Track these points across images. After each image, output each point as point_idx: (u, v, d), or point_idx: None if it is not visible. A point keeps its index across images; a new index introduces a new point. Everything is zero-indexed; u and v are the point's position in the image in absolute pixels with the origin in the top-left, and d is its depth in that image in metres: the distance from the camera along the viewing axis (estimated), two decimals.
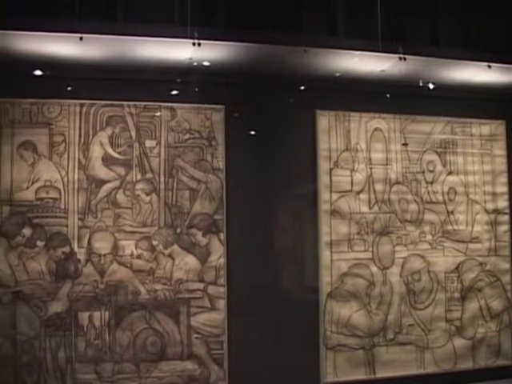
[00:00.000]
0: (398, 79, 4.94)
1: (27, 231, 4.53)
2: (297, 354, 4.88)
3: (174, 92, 4.83)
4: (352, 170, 5.09)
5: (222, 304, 4.77)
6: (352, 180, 5.09)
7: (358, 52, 4.57)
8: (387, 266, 5.11)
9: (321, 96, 5.02)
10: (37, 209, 4.56)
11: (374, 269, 5.08)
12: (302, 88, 5.03)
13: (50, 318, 4.55)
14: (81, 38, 4.05)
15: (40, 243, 4.54)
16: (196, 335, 4.73)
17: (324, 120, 5.06)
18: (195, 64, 4.58)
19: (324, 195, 5.01)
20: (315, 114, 5.06)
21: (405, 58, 4.51)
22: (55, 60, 4.50)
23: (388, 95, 5.17)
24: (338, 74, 4.89)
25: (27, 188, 4.56)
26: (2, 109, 4.56)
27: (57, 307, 4.56)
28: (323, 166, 5.04)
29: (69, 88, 4.70)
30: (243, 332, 4.79)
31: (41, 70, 4.62)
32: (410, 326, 5.08)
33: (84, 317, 4.59)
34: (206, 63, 4.60)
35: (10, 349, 4.47)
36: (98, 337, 4.59)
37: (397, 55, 4.51)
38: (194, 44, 4.19)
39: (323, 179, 5.02)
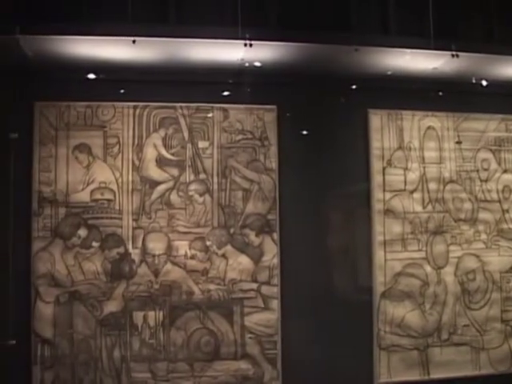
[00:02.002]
0: (450, 77, 4.88)
1: (83, 232, 4.58)
2: (350, 355, 4.86)
3: (226, 93, 4.83)
4: (405, 169, 5.04)
5: (275, 304, 4.75)
6: (405, 179, 5.04)
7: (409, 50, 4.49)
8: (441, 265, 5.05)
9: (373, 95, 4.99)
10: (92, 210, 4.60)
11: (428, 268, 5.02)
12: (354, 87, 4.97)
13: (105, 318, 4.59)
14: (133, 41, 4.06)
15: (95, 244, 4.59)
16: (250, 335, 4.73)
17: (376, 119, 5.02)
18: (247, 65, 4.57)
19: (377, 194, 4.96)
20: (367, 113, 5.00)
21: (457, 55, 4.44)
22: (108, 63, 4.54)
23: (441, 93, 5.07)
24: (389, 73, 4.84)
25: (82, 190, 4.61)
26: (57, 112, 4.63)
27: (112, 307, 4.60)
28: (376, 165, 4.99)
29: (122, 91, 4.71)
30: (296, 332, 4.79)
31: (94, 73, 4.67)
32: (464, 326, 4.97)
33: (139, 316, 4.62)
34: (258, 64, 4.56)
35: (67, 347, 4.53)
36: (152, 336, 4.62)
37: (449, 52, 4.42)
38: (245, 45, 4.19)
39: (376, 178, 4.98)
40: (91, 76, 4.71)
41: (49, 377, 4.54)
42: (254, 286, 4.74)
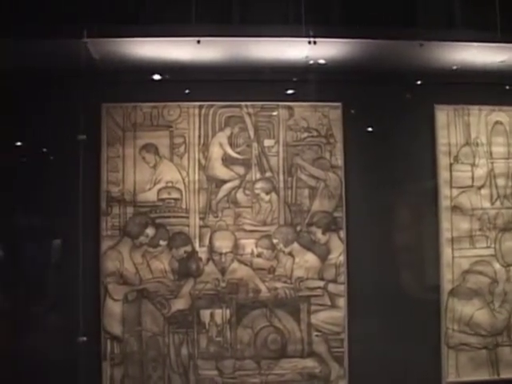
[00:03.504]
0: None
1: (150, 231, 4.63)
2: (418, 353, 4.81)
3: (291, 91, 4.81)
4: (472, 165, 4.96)
5: (342, 302, 4.74)
6: (473, 175, 4.96)
7: (475, 43, 4.40)
8: (511, 262, 4.93)
9: (438, 90, 4.92)
10: (159, 209, 4.65)
11: (497, 266, 4.94)
12: (419, 83, 4.91)
13: (173, 315, 4.65)
14: (198, 42, 4.07)
15: (163, 242, 4.64)
16: (316, 333, 4.70)
17: (443, 114, 4.96)
18: (311, 62, 4.55)
19: (444, 191, 4.89)
20: (434, 109, 4.92)
21: None
22: (173, 64, 4.58)
23: (508, 87, 4.96)
24: (455, 67, 4.74)
25: (149, 189, 4.66)
26: (124, 113, 4.69)
27: (179, 305, 4.65)
28: (443, 161, 4.92)
29: (187, 91, 4.74)
30: (363, 330, 4.76)
31: (160, 74, 4.70)
32: None
33: (206, 314, 4.66)
34: (322, 61, 4.54)
35: (135, 344, 4.59)
36: (219, 334, 4.65)
37: None
38: (309, 42, 4.18)
39: (443, 175, 4.91)
40: (157, 77, 4.72)
41: (118, 373, 4.60)
42: (321, 283, 4.73)
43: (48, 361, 4.59)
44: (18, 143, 4.76)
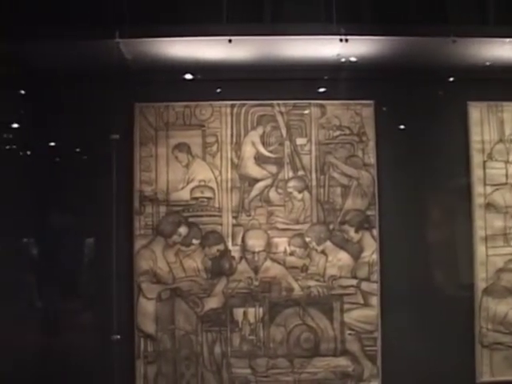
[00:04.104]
0: None
1: (183, 230, 4.66)
2: (451, 352, 4.78)
3: (323, 89, 4.79)
4: (506, 162, 4.92)
5: (375, 300, 4.72)
6: (507, 172, 4.91)
7: (508, 39, 4.36)
8: None
9: (471, 87, 4.88)
10: (192, 208, 4.67)
11: None
12: (452, 79, 4.87)
13: (206, 314, 4.67)
14: (230, 41, 4.07)
15: (195, 241, 4.66)
16: (349, 331, 4.70)
17: (476, 111, 4.92)
18: (343, 60, 4.53)
19: (478, 188, 4.86)
20: (467, 106, 4.88)
21: None
22: (205, 63, 4.59)
23: None
24: (488, 64, 4.69)
25: (182, 188, 4.68)
26: (156, 112, 4.72)
27: (212, 303, 4.67)
28: (476, 158, 4.89)
29: (218, 90, 4.75)
30: (396, 329, 4.74)
31: (192, 73, 4.70)
32: None
33: (239, 313, 4.68)
34: (354, 59, 4.52)
35: (168, 343, 4.62)
36: (252, 332, 4.66)
37: None
38: (341, 40, 4.15)
39: (476, 172, 4.88)
40: (189, 76, 4.73)
41: (151, 371, 4.64)
42: (354, 282, 4.72)
43: (82, 359, 4.63)
44: (53, 143, 4.76)
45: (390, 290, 4.76)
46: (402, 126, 4.93)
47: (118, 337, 4.56)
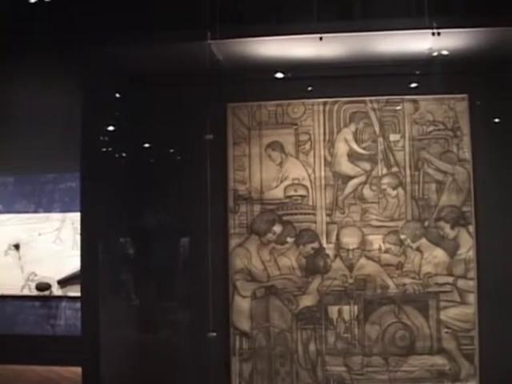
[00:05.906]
0: None
1: (277, 228, 4.69)
2: None
3: (415, 84, 4.75)
4: None
5: (471, 298, 4.65)
6: None
7: None
8: None
9: None
10: (286, 206, 4.70)
11: None
12: None
13: (300, 312, 4.69)
14: (320, 39, 4.08)
15: (290, 239, 4.68)
16: (446, 330, 4.62)
17: None
18: (435, 54, 4.47)
19: None
20: None
21: None
22: (296, 62, 4.60)
23: None
24: None
25: (276, 187, 4.72)
26: (249, 112, 4.77)
27: (307, 301, 4.69)
28: None
29: (310, 88, 4.76)
30: (494, 327, 4.62)
31: (283, 72, 4.72)
32: None
33: (333, 311, 4.68)
34: (445, 52, 4.45)
35: (263, 340, 4.64)
36: (347, 330, 4.66)
37: None
38: (433, 34, 4.11)
39: None
40: (280, 75, 4.75)
41: (247, 368, 4.69)
42: (450, 279, 4.66)
43: (179, 356, 4.68)
44: (148, 144, 4.87)
45: (488, 287, 4.67)
46: (496, 120, 4.81)
47: (214, 334, 4.58)
